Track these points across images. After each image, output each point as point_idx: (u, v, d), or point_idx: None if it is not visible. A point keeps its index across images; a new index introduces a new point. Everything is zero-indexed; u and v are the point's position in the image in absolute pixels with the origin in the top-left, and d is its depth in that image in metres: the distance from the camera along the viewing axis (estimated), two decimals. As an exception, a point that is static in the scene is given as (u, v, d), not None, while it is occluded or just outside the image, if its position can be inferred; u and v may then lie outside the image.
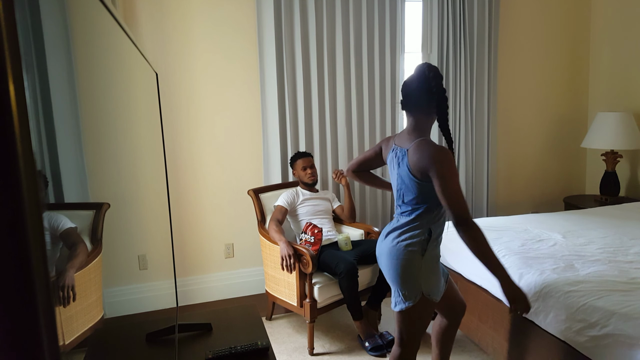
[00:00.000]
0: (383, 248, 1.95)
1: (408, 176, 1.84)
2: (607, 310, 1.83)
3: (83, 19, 0.76)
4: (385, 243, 1.94)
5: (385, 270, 1.94)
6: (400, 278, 1.85)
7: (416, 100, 1.85)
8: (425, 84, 1.83)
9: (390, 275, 1.90)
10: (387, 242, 1.92)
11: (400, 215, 1.93)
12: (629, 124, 3.77)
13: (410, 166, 1.82)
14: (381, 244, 1.97)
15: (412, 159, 1.81)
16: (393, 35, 3.71)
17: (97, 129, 0.81)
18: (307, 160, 3.30)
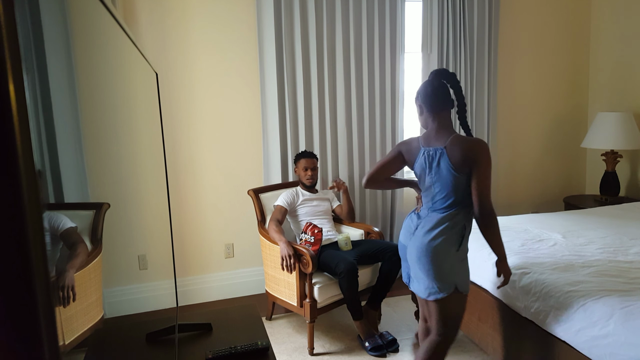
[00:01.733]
0: (415, 243, 2.00)
1: (449, 172, 1.94)
2: (607, 310, 1.83)
3: (83, 19, 0.76)
4: (417, 238, 2.00)
5: (416, 265, 2.01)
6: (435, 272, 1.95)
7: (442, 101, 2.01)
8: (444, 85, 2.03)
9: (424, 269, 1.97)
10: (419, 237, 1.99)
11: (433, 212, 2.01)
12: (629, 124, 3.77)
13: (451, 162, 1.93)
14: (412, 240, 2.04)
15: (454, 154, 1.93)
16: (393, 35, 3.71)
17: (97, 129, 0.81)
18: (309, 161, 3.30)
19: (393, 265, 2.97)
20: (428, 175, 2.02)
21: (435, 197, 2.02)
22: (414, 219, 2.10)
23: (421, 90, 2.06)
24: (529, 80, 4.31)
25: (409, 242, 2.07)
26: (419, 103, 2.09)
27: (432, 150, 2.00)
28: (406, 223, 2.15)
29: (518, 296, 2.22)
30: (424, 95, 2.04)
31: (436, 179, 1.99)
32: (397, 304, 3.50)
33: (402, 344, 2.92)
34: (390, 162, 2.15)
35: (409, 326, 3.17)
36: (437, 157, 1.98)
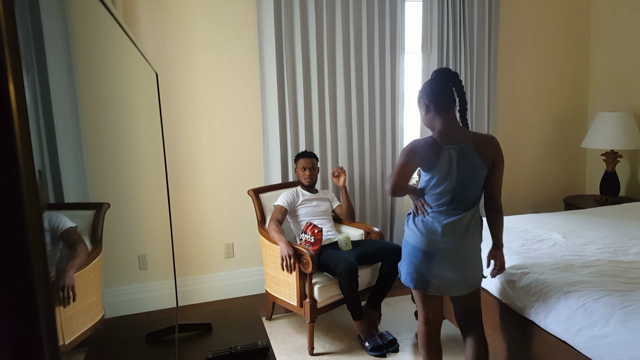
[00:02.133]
0: (471, 249, 2.06)
1: (480, 168, 1.98)
2: (607, 310, 1.83)
3: (83, 19, 0.76)
4: (468, 241, 2.03)
5: (474, 266, 2.08)
6: (480, 268, 2.13)
7: (449, 100, 2.02)
8: (453, 84, 2.04)
9: (479, 266, 2.10)
10: (470, 239, 2.03)
11: (466, 211, 2.02)
12: (629, 124, 3.77)
13: (482, 158, 1.97)
14: (468, 245, 2.04)
15: (481, 150, 1.97)
16: (393, 35, 3.71)
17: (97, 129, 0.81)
18: (308, 161, 3.30)
19: (393, 265, 2.97)
20: (456, 173, 1.96)
21: (464, 195, 1.99)
22: (461, 221, 2.01)
23: (426, 89, 2.05)
24: (529, 80, 4.31)
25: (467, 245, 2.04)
26: (424, 103, 2.06)
27: (459, 147, 1.97)
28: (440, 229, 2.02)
29: (518, 296, 2.22)
30: (430, 94, 2.02)
31: (468, 177, 1.98)
32: (397, 304, 3.50)
33: (402, 344, 2.92)
34: (409, 165, 2.02)
35: (409, 326, 3.17)
36: (467, 154, 1.96)
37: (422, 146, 2.01)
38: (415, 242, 2.06)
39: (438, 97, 2.01)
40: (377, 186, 3.86)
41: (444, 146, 1.97)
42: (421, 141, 2.03)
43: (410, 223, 2.11)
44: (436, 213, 2.03)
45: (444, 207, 2.02)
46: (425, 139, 2.03)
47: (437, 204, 2.03)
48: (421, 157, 2.01)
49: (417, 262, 2.06)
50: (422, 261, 2.05)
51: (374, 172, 3.84)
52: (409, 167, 2.01)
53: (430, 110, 2.04)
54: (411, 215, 2.14)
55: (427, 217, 2.05)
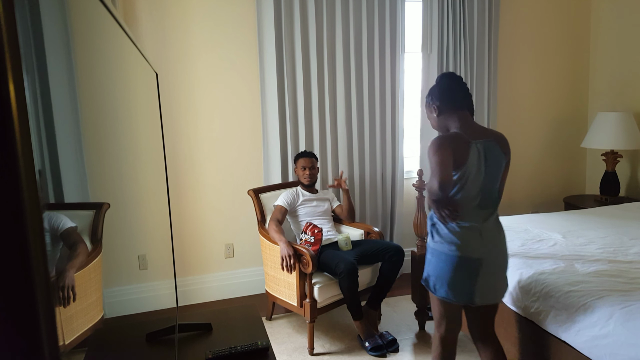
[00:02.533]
0: (505, 248, 2.00)
1: (503, 164, 1.96)
2: (607, 310, 1.83)
3: (83, 19, 0.76)
4: (503, 240, 1.99)
5: (504, 270, 2.01)
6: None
7: (460, 98, 1.99)
8: (459, 86, 2.01)
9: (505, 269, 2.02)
10: (503, 238, 1.99)
11: (495, 209, 1.97)
12: (629, 124, 3.77)
13: (504, 153, 1.95)
14: (503, 244, 1.99)
15: (502, 146, 1.95)
16: (393, 35, 3.71)
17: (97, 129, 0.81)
18: (308, 160, 3.30)
19: (393, 265, 2.97)
20: (485, 169, 1.88)
21: (491, 192, 1.94)
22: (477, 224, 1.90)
23: (434, 91, 2.01)
24: (529, 80, 4.31)
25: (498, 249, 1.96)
26: (434, 105, 1.99)
27: (485, 142, 1.90)
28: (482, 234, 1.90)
29: (518, 296, 2.22)
30: (438, 94, 1.98)
31: (495, 173, 1.93)
32: (397, 304, 3.50)
33: (402, 344, 2.92)
34: (446, 158, 1.84)
35: (409, 326, 3.17)
36: (493, 150, 1.91)
37: (451, 140, 1.87)
38: (454, 251, 1.87)
39: (448, 95, 1.97)
40: (377, 186, 3.86)
41: (471, 140, 1.88)
42: (447, 136, 1.90)
43: (443, 231, 1.91)
44: (470, 215, 1.89)
45: (477, 207, 1.90)
46: (450, 134, 1.91)
47: (469, 205, 1.89)
48: (453, 151, 1.85)
49: (460, 273, 1.88)
50: (467, 271, 1.88)
51: (374, 172, 3.84)
52: (446, 160, 1.83)
53: (442, 110, 1.98)
54: (436, 224, 1.95)
55: (461, 222, 1.88)
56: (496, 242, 1.95)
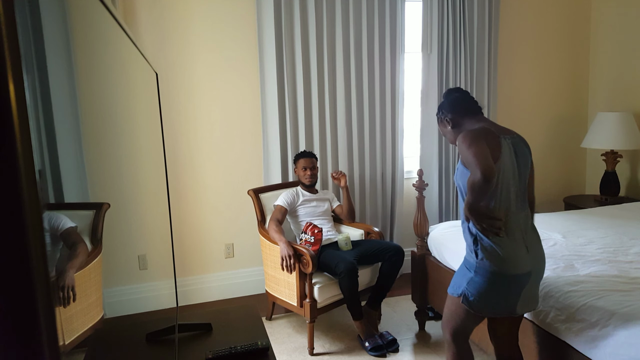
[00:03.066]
0: (544, 256, 1.91)
1: (529, 162, 1.86)
2: (607, 310, 1.83)
3: (83, 19, 0.76)
4: (540, 242, 1.88)
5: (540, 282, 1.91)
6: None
7: (476, 104, 1.96)
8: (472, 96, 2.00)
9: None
10: (539, 239, 1.89)
11: (524, 210, 1.83)
12: (629, 124, 3.77)
13: (529, 154, 1.87)
14: (541, 253, 1.88)
15: (526, 145, 1.86)
16: (393, 35, 3.71)
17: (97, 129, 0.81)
18: (308, 160, 3.30)
19: (393, 265, 2.97)
20: (517, 167, 1.78)
21: (524, 193, 1.82)
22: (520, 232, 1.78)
23: (444, 104, 1.95)
24: (529, 80, 4.31)
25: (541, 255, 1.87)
26: (447, 118, 1.93)
27: (510, 137, 1.80)
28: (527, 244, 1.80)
29: (518, 296, 2.21)
30: (449, 106, 1.92)
31: (525, 172, 1.81)
32: (397, 304, 3.50)
33: (402, 344, 2.92)
34: (484, 147, 1.67)
35: (409, 326, 3.17)
36: (520, 145, 1.82)
37: (483, 132, 1.74)
38: (505, 270, 1.74)
39: (459, 105, 1.91)
40: (377, 186, 3.86)
41: (499, 135, 1.77)
42: (477, 128, 1.78)
43: (489, 248, 1.74)
44: (511, 221, 1.75)
45: (515, 210, 1.77)
46: (479, 127, 1.79)
47: (508, 209, 1.75)
48: (487, 143, 1.70)
49: (509, 291, 1.79)
50: (516, 287, 1.78)
51: (374, 172, 3.84)
52: (485, 150, 1.67)
53: (456, 121, 1.90)
54: (478, 239, 1.78)
55: (503, 235, 1.73)
56: (539, 250, 1.85)
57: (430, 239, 3.00)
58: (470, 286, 1.81)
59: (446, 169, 4.01)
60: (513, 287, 1.79)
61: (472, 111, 1.90)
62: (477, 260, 1.78)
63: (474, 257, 1.79)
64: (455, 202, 4.06)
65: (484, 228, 1.69)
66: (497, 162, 1.69)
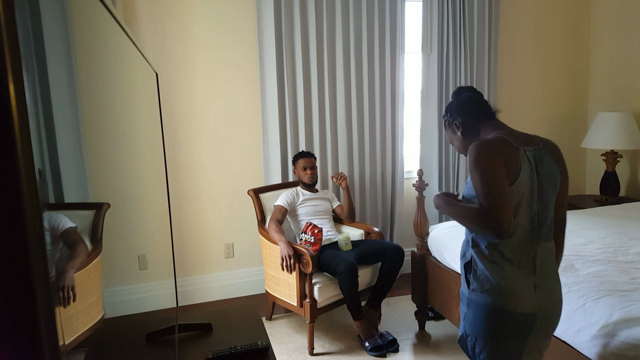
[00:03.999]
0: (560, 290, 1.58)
1: (558, 179, 1.50)
2: (607, 310, 1.83)
3: (83, 19, 0.76)
4: (558, 279, 1.57)
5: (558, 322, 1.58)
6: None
7: (489, 105, 1.64)
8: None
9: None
10: (560, 284, 1.57)
11: (549, 241, 1.52)
12: (629, 124, 3.77)
13: (558, 165, 1.51)
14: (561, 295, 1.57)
15: (556, 156, 1.51)
16: (393, 35, 3.71)
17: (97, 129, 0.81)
18: (308, 160, 3.30)
19: (393, 265, 2.97)
20: (537, 187, 1.44)
21: (546, 217, 1.48)
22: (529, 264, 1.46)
23: (453, 106, 1.64)
24: (529, 80, 4.31)
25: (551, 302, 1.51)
26: (457, 122, 1.61)
27: (532, 149, 1.46)
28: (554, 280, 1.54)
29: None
30: (461, 108, 1.61)
31: (548, 192, 1.47)
32: (397, 304, 3.50)
33: (402, 344, 2.92)
34: (500, 171, 1.38)
35: (409, 326, 3.17)
36: (544, 159, 1.47)
37: (498, 142, 1.42)
38: (499, 303, 1.43)
39: (472, 106, 1.60)
40: (377, 186, 3.86)
41: (518, 147, 1.43)
42: (491, 139, 1.45)
43: (483, 275, 1.46)
44: (519, 250, 1.44)
45: (529, 239, 1.45)
46: (493, 137, 1.46)
47: (519, 235, 1.43)
48: (503, 158, 1.39)
49: (506, 332, 1.45)
50: (516, 330, 1.45)
51: (374, 172, 3.84)
52: (502, 174, 1.37)
53: (468, 127, 1.58)
54: (473, 264, 1.51)
55: (507, 259, 1.43)
56: (552, 292, 1.49)
57: (430, 239, 3.00)
58: (466, 324, 1.54)
59: (446, 169, 4.01)
60: (513, 329, 1.44)
61: (486, 115, 1.59)
62: (470, 290, 1.51)
63: (465, 286, 1.54)
64: (455, 202, 4.05)
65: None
66: (513, 183, 1.39)
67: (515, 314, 1.43)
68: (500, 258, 1.44)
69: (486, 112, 1.60)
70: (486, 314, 1.45)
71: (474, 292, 1.49)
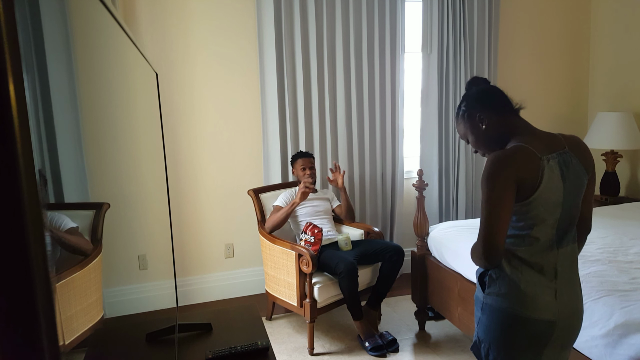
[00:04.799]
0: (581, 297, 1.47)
1: (585, 181, 1.44)
2: (607, 310, 1.83)
3: (83, 19, 0.76)
4: (579, 283, 1.48)
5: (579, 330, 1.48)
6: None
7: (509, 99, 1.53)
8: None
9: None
10: (579, 280, 1.48)
11: (572, 244, 1.44)
12: (629, 124, 3.77)
13: (585, 166, 1.43)
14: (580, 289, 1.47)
15: (582, 156, 1.43)
16: (393, 35, 3.71)
17: (97, 129, 0.81)
18: (307, 160, 3.29)
19: (393, 265, 2.97)
20: (563, 192, 1.37)
21: (570, 224, 1.42)
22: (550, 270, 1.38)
23: (469, 100, 1.50)
24: (529, 80, 4.31)
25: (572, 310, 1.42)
26: (477, 116, 1.47)
27: (558, 155, 1.37)
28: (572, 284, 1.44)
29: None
30: (479, 100, 1.48)
31: (574, 198, 1.41)
32: (397, 304, 3.50)
33: (402, 344, 2.92)
34: (508, 195, 1.31)
35: (409, 326, 3.17)
36: (571, 164, 1.39)
37: (519, 156, 1.34)
38: (516, 309, 1.36)
39: (494, 98, 1.48)
40: (377, 186, 3.86)
41: (541, 156, 1.34)
42: (511, 151, 1.36)
43: (501, 280, 1.39)
44: (541, 255, 1.37)
45: (550, 245, 1.38)
46: (512, 149, 1.36)
47: (541, 242, 1.37)
48: (521, 174, 1.32)
49: (523, 341, 1.37)
50: (534, 338, 1.37)
51: (374, 172, 3.84)
52: (508, 196, 1.31)
53: (493, 121, 1.45)
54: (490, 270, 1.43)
55: (527, 263, 1.36)
56: (573, 299, 1.42)
57: (430, 239, 3.00)
58: (480, 329, 1.45)
59: (446, 169, 4.01)
60: (530, 337, 1.36)
61: (509, 107, 1.47)
62: (485, 294, 1.42)
63: (481, 290, 1.46)
64: (455, 202, 4.06)
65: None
66: (529, 197, 1.33)
67: (533, 321, 1.35)
68: (520, 262, 1.37)
69: (511, 108, 1.48)
70: (502, 319, 1.38)
71: (489, 296, 1.41)
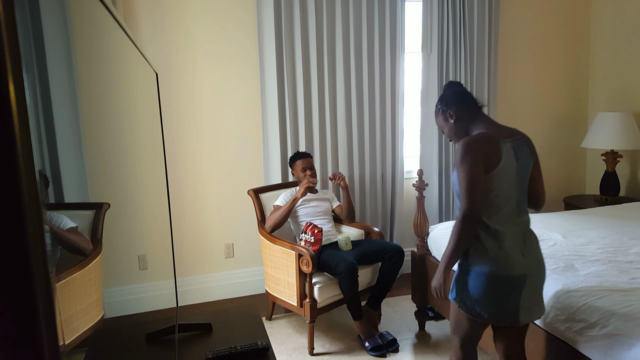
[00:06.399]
0: (542, 260, 1.87)
1: (531, 164, 1.83)
2: (607, 310, 1.83)
3: (83, 19, 0.76)
4: (539, 245, 1.87)
5: (543, 285, 1.87)
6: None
7: (475, 100, 1.94)
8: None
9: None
10: (538, 243, 1.88)
11: (527, 214, 1.86)
12: (629, 124, 3.77)
13: (532, 153, 1.84)
14: (540, 250, 1.87)
15: (530, 145, 1.83)
16: (393, 35, 3.71)
17: (97, 129, 0.81)
18: (306, 161, 3.29)
19: (393, 265, 2.97)
20: (517, 172, 1.76)
21: (524, 196, 1.83)
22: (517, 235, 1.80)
23: (444, 98, 1.92)
24: (529, 80, 4.31)
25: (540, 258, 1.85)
26: (449, 111, 1.89)
27: (512, 141, 1.77)
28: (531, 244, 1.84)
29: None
30: (451, 98, 1.89)
31: (525, 175, 1.80)
32: (397, 304, 3.50)
33: (402, 344, 2.92)
34: (479, 167, 1.70)
35: (409, 326, 3.17)
36: (523, 148, 1.80)
37: (482, 140, 1.74)
38: (496, 271, 1.73)
39: (463, 98, 1.89)
40: (377, 186, 3.86)
41: (500, 140, 1.75)
42: (476, 136, 1.77)
43: (480, 248, 1.77)
44: (508, 223, 1.77)
45: (514, 213, 1.79)
46: (478, 134, 1.78)
47: (507, 210, 1.77)
48: (486, 153, 1.71)
49: (504, 294, 1.74)
50: (512, 291, 1.74)
51: (374, 172, 3.84)
52: (479, 171, 1.69)
53: (460, 116, 1.87)
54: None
55: (499, 231, 1.74)
56: (535, 254, 1.82)
57: (430, 239, 3.00)
58: (465, 290, 1.81)
59: (446, 169, 4.01)
60: (508, 291, 1.74)
61: (474, 106, 1.89)
62: (467, 262, 1.80)
63: (464, 258, 1.82)
64: (455, 202, 4.06)
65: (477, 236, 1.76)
66: (493, 170, 1.71)
67: (509, 278, 1.74)
68: (494, 232, 1.74)
69: (475, 105, 1.89)
70: (485, 281, 1.74)
71: (472, 261, 1.78)
